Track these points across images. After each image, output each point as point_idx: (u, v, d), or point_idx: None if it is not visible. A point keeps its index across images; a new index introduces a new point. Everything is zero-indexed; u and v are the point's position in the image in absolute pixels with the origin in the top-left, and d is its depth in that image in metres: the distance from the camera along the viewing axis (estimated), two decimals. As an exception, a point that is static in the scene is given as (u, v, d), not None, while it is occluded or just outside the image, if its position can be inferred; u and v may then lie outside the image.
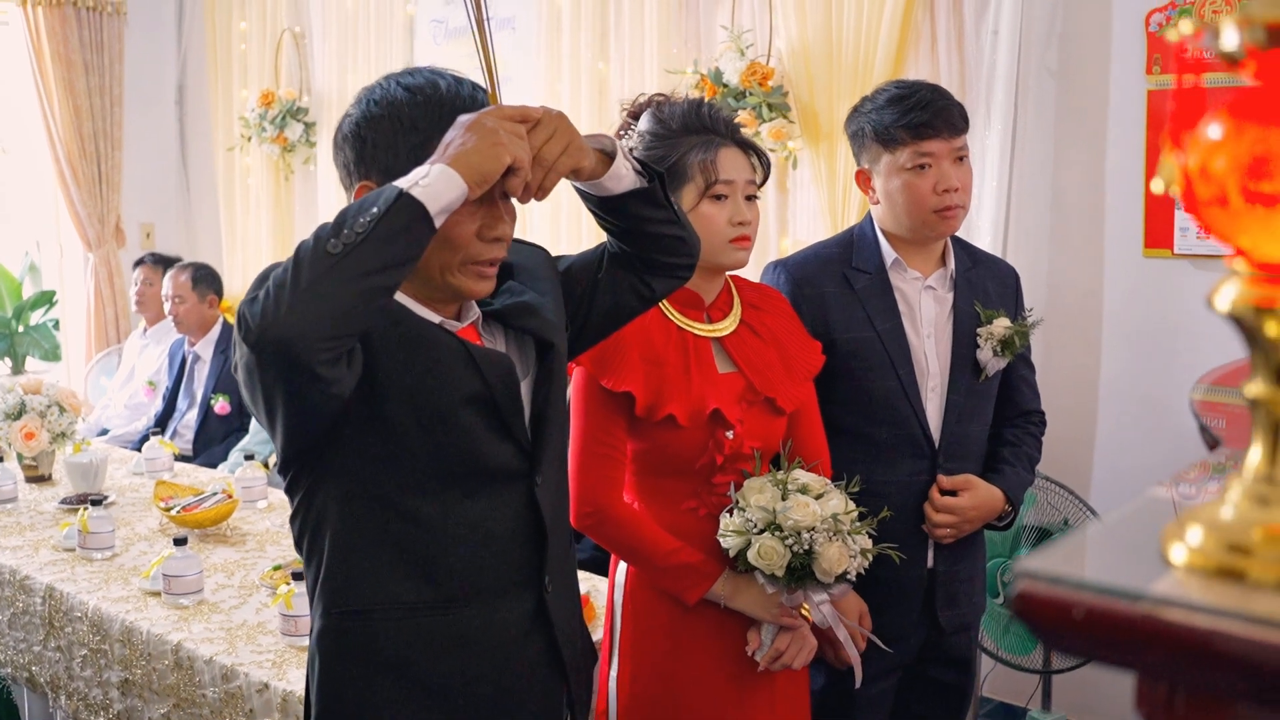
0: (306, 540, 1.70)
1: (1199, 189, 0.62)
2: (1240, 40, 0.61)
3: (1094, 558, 0.65)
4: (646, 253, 1.81)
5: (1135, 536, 0.66)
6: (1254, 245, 0.62)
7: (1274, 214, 0.59)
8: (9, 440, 4.01)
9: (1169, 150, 0.63)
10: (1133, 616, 0.56)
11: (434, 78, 1.67)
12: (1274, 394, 0.63)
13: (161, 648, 2.70)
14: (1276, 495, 0.63)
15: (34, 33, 6.06)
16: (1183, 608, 0.56)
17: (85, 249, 6.36)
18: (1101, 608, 0.57)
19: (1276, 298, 0.61)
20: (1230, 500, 0.64)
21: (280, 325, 1.38)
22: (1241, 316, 0.63)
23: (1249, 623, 0.54)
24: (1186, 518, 0.64)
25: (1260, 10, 0.60)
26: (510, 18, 5.08)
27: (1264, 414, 0.64)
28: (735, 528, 2.12)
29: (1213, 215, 0.62)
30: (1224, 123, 0.62)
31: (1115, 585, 0.57)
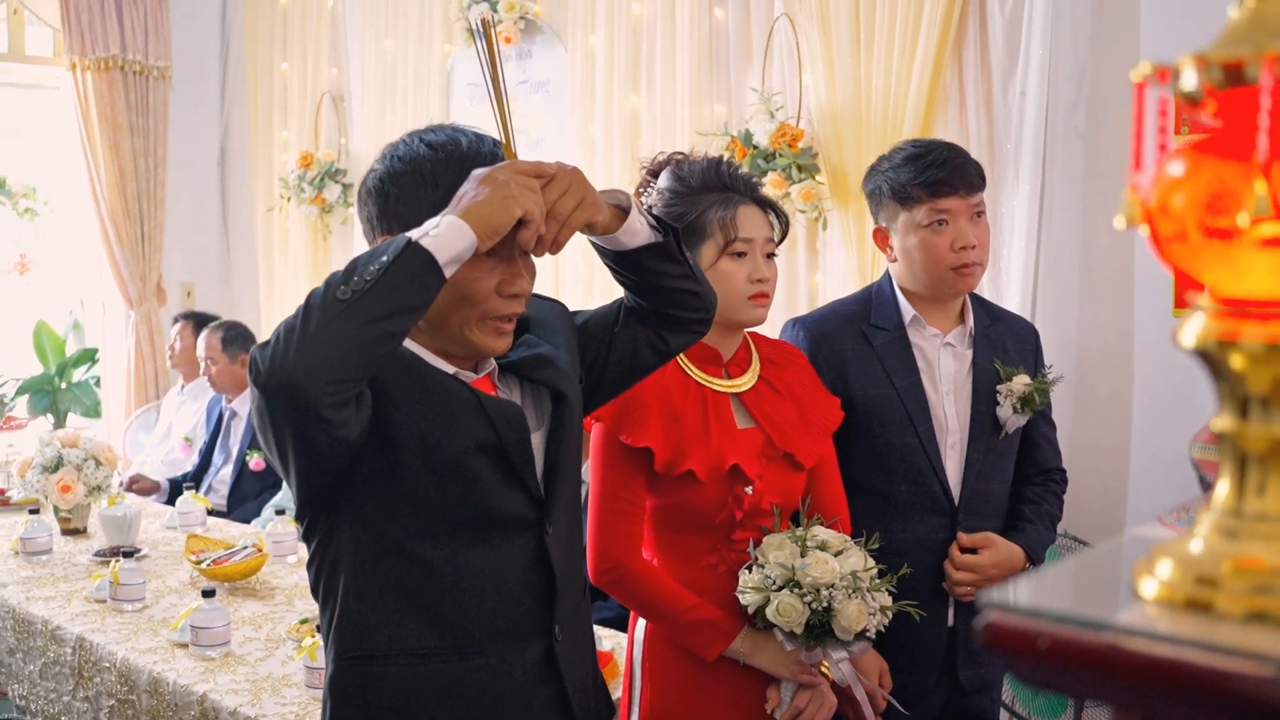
0: (322, 585, 1.73)
1: (1160, 226, 0.63)
2: (1199, 81, 0.63)
3: (1066, 591, 0.66)
4: (662, 307, 1.82)
5: (1109, 572, 0.67)
6: (1216, 280, 0.63)
7: (1231, 248, 0.61)
8: (46, 493, 4.07)
9: (1131, 188, 0.64)
10: (1096, 646, 0.57)
11: (455, 135, 1.71)
12: (1240, 427, 0.64)
13: (188, 699, 2.71)
14: (1244, 528, 0.64)
15: (82, 96, 6.20)
16: (1145, 637, 0.56)
17: (127, 307, 6.45)
18: (1066, 638, 0.58)
19: (1239, 331, 0.63)
20: (1199, 534, 0.65)
21: (288, 368, 1.42)
22: (1207, 350, 0.64)
23: (1211, 652, 0.55)
24: (1157, 552, 0.65)
25: (1217, 52, 0.62)
26: (545, 81, 5.16)
27: (1230, 447, 0.65)
28: (754, 584, 2.12)
29: (1175, 251, 0.64)
30: (1184, 160, 0.63)
31: (1079, 615, 0.58)
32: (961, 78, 3.87)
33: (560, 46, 5.08)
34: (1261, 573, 0.61)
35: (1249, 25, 0.63)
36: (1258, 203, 0.58)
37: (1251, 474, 0.65)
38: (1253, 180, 0.59)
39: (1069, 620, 0.58)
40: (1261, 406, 0.64)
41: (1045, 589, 0.64)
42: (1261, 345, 0.62)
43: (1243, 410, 0.64)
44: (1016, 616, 0.59)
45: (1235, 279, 0.62)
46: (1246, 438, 0.65)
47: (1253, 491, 0.65)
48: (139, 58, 6.28)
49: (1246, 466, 0.65)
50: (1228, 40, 0.62)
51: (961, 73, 3.87)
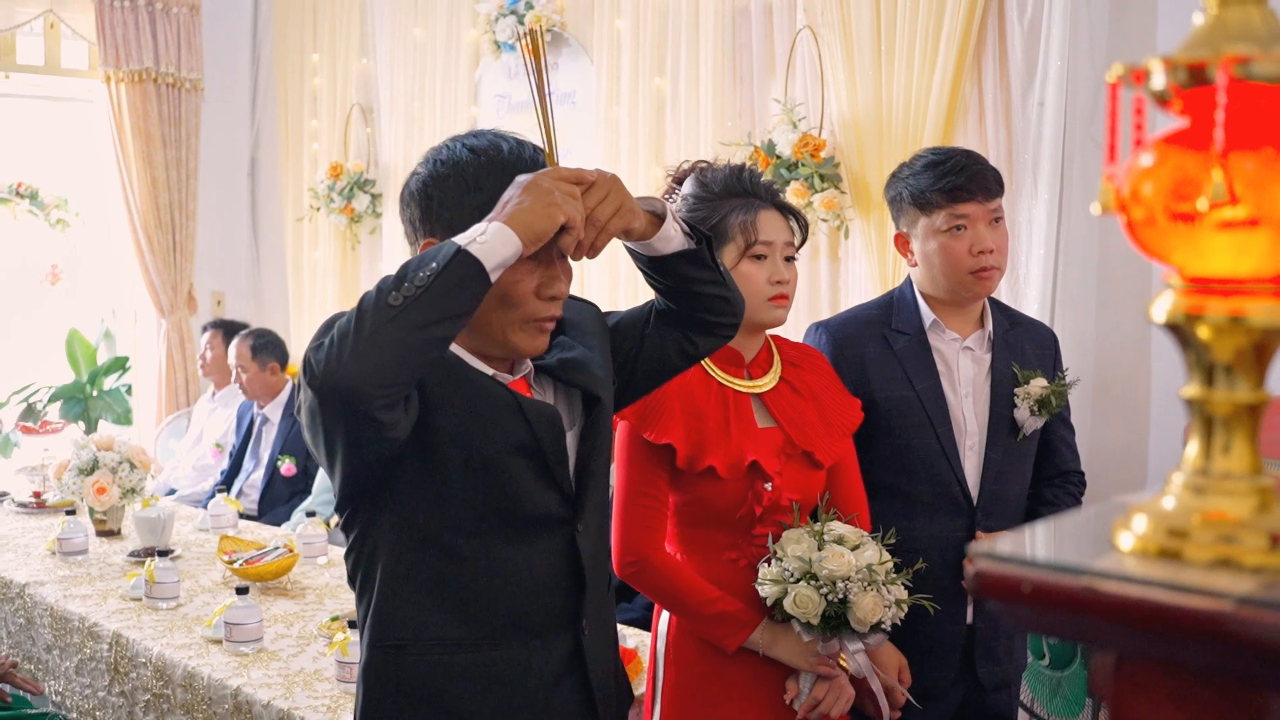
0: (359, 576, 1.79)
1: (1132, 211, 0.70)
2: (1166, 81, 0.69)
3: (1051, 544, 0.72)
4: (692, 311, 1.88)
5: (1092, 529, 0.73)
6: (1183, 261, 0.70)
7: (1194, 230, 0.67)
8: (82, 494, 4.16)
9: (1107, 178, 0.71)
10: (1074, 589, 0.63)
11: (497, 140, 1.77)
12: (1207, 393, 0.71)
13: (222, 692, 2.79)
14: (1211, 485, 0.70)
15: (116, 108, 6.32)
16: (1118, 580, 0.63)
17: (158, 315, 6.56)
18: (1047, 582, 0.64)
19: (1205, 305, 0.69)
20: (1171, 492, 0.71)
21: (343, 372, 1.48)
22: (1176, 324, 0.71)
23: (1176, 591, 0.61)
24: (1133, 509, 0.71)
25: (1182, 55, 0.68)
26: (570, 92, 5.24)
27: (1198, 412, 0.71)
28: (772, 577, 2.18)
29: (1146, 235, 0.70)
30: (1153, 152, 0.70)
31: (1059, 561, 0.64)
32: (981, 88, 3.93)
33: (586, 58, 5.16)
34: (1227, 524, 0.68)
35: (1210, 30, 0.69)
36: (1215, 189, 0.65)
37: (1217, 436, 0.71)
38: (1211, 169, 0.65)
39: (1049, 566, 0.64)
40: (1226, 374, 0.71)
41: (1032, 542, 0.70)
42: (1225, 318, 0.69)
43: (1209, 378, 0.71)
44: (1002, 564, 0.65)
45: (1199, 259, 0.68)
46: (1213, 403, 0.71)
47: (1219, 451, 0.71)
48: (172, 70, 6.41)
49: (1213, 429, 0.71)
50: (1192, 44, 0.69)
51: (981, 83, 3.93)
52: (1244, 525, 0.67)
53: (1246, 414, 0.71)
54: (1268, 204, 0.66)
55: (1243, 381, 0.71)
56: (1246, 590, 0.60)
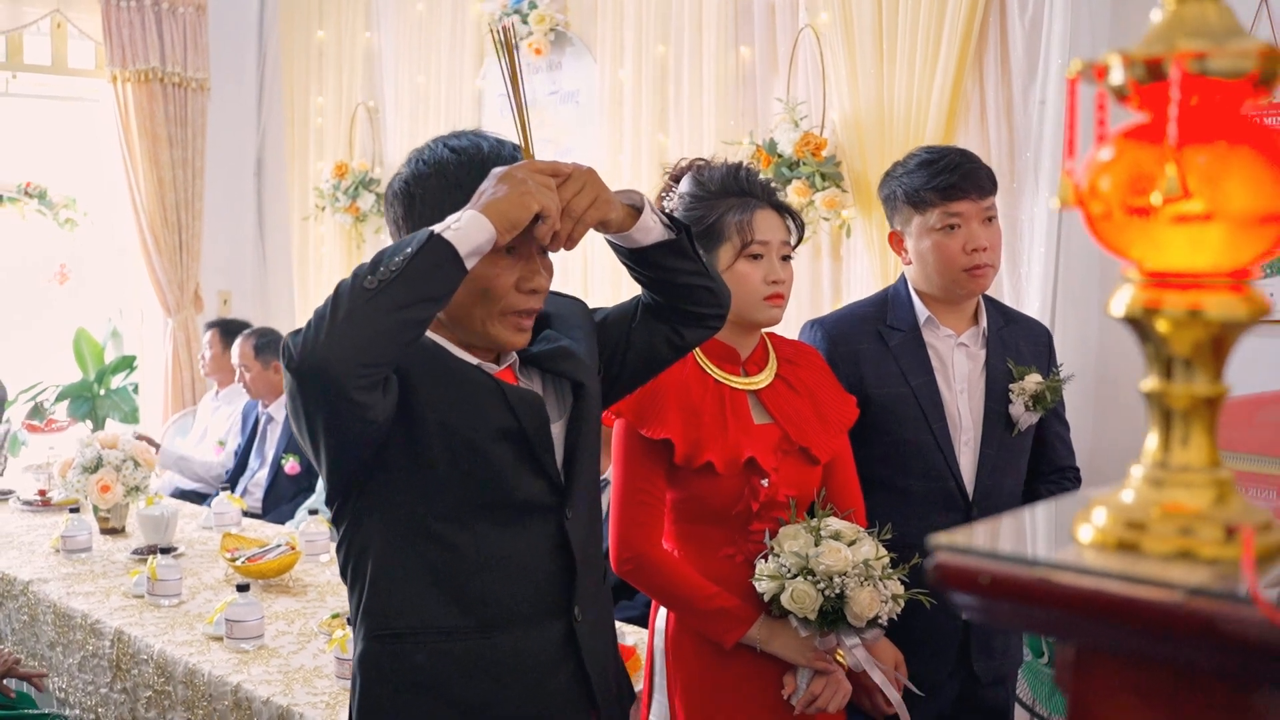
0: (350, 567, 1.81)
1: (1091, 206, 0.70)
2: (1125, 76, 0.70)
3: (1014, 537, 0.72)
4: (677, 303, 1.90)
5: (1056, 521, 0.74)
6: (1141, 255, 0.70)
7: (1150, 225, 0.67)
8: (86, 493, 4.17)
9: (1065, 173, 0.71)
10: (1030, 581, 0.64)
11: (477, 140, 1.80)
12: (1165, 386, 0.71)
13: (222, 689, 2.80)
14: (1169, 477, 0.71)
15: (122, 108, 6.34)
16: (1072, 571, 0.63)
17: (165, 314, 6.58)
18: (1004, 574, 0.65)
19: (1162, 299, 0.70)
20: (1130, 485, 0.71)
21: (319, 353, 1.51)
22: (1134, 318, 0.71)
23: (1127, 582, 0.61)
24: (1094, 502, 0.72)
25: (1139, 50, 0.68)
26: (574, 91, 5.25)
27: (1157, 405, 0.72)
28: (769, 572, 2.19)
29: (1104, 229, 0.71)
30: (1111, 147, 0.70)
31: (1015, 554, 0.65)
32: (982, 86, 3.93)
33: (589, 58, 5.17)
34: (1184, 516, 0.68)
35: (1167, 26, 0.70)
36: (1168, 184, 0.65)
37: (1176, 429, 0.72)
38: (1165, 164, 0.66)
39: (1006, 558, 0.65)
40: (1184, 367, 0.71)
41: (996, 535, 0.71)
42: (1184, 312, 0.69)
43: (1167, 371, 0.71)
44: (962, 556, 0.66)
45: (1156, 253, 0.69)
46: (1171, 396, 0.71)
47: (1178, 444, 0.72)
48: (178, 70, 6.42)
49: (1171, 422, 0.72)
50: (1150, 40, 0.70)
51: (982, 82, 3.93)
52: (1201, 517, 0.68)
53: (1205, 407, 0.72)
54: (1221, 198, 0.66)
55: (1201, 375, 0.71)
56: (1198, 582, 0.61)
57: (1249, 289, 0.71)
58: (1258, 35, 3.38)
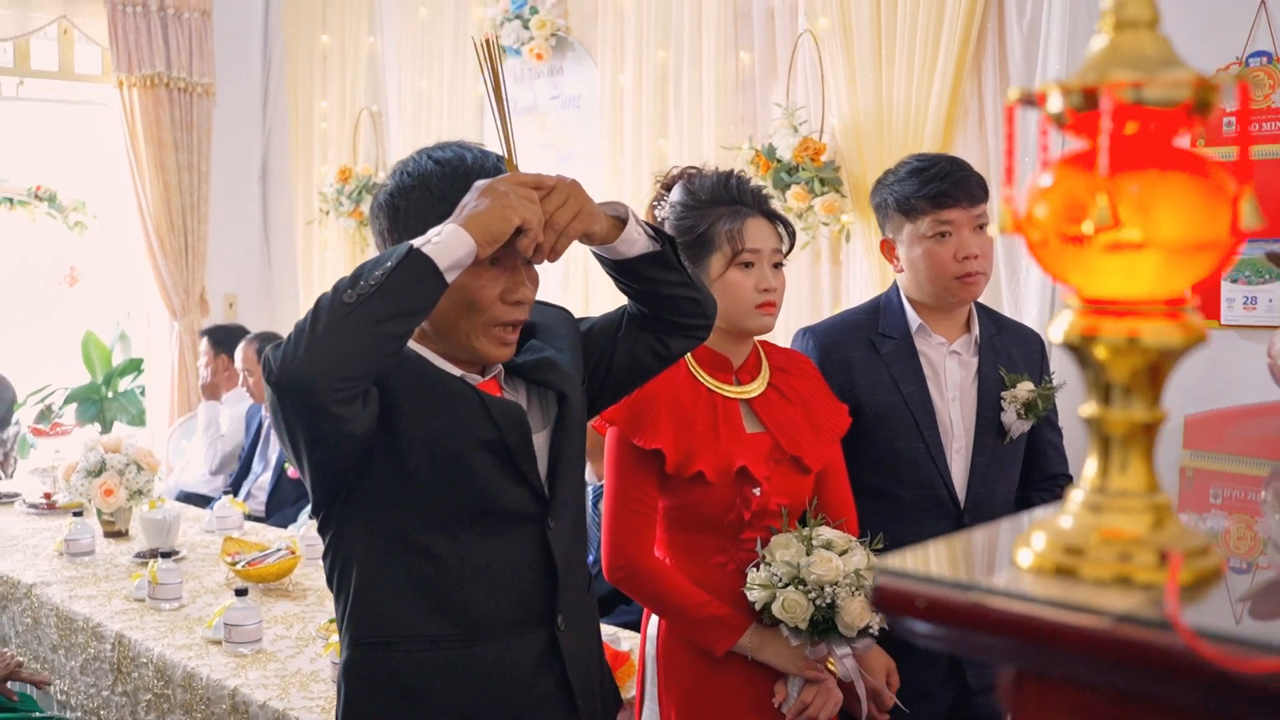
0: (336, 576, 1.82)
1: (1029, 233, 0.71)
2: (1063, 104, 0.71)
3: (955, 560, 0.73)
4: (663, 313, 1.91)
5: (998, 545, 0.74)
6: (1079, 282, 0.71)
7: (1084, 253, 0.68)
8: (89, 496, 4.19)
9: (1004, 200, 0.72)
10: (964, 605, 0.65)
11: (461, 151, 1.81)
12: (1104, 412, 0.72)
13: (220, 693, 2.81)
14: (1108, 503, 0.71)
15: (129, 113, 6.37)
16: (1005, 597, 0.64)
17: (171, 318, 6.60)
18: (940, 598, 0.66)
19: (1100, 326, 0.70)
20: (1069, 509, 0.72)
21: (298, 366, 1.52)
22: (1073, 344, 0.72)
23: (1057, 608, 0.62)
24: (1034, 526, 0.73)
25: (1075, 79, 0.69)
26: (575, 96, 5.27)
27: (1096, 431, 0.73)
28: (761, 582, 2.20)
29: (1043, 256, 0.72)
30: (1049, 174, 0.71)
31: (951, 578, 0.66)
32: (980, 91, 3.94)
33: (590, 63, 5.18)
34: (1122, 542, 0.69)
35: (1103, 55, 0.71)
36: (1100, 212, 0.66)
37: (1115, 455, 0.72)
38: (1097, 192, 0.66)
39: (942, 583, 0.66)
40: (1122, 394, 0.72)
41: (937, 559, 0.72)
42: (1119, 339, 0.70)
43: (1106, 398, 0.72)
44: (900, 580, 0.67)
45: (1091, 281, 0.70)
46: (1109, 422, 0.72)
47: (1116, 470, 0.72)
48: (183, 75, 6.45)
49: (1110, 448, 0.72)
50: (1088, 68, 0.70)
51: (980, 86, 3.94)
52: (1138, 542, 0.69)
53: (1143, 433, 0.72)
54: (1152, 226, 0.67)
55: (1139, 401, 0.72)
56: (1127, 608, 0.62)
57: (1185, 316, 0.71)
58: (1257, 36, 3.38)
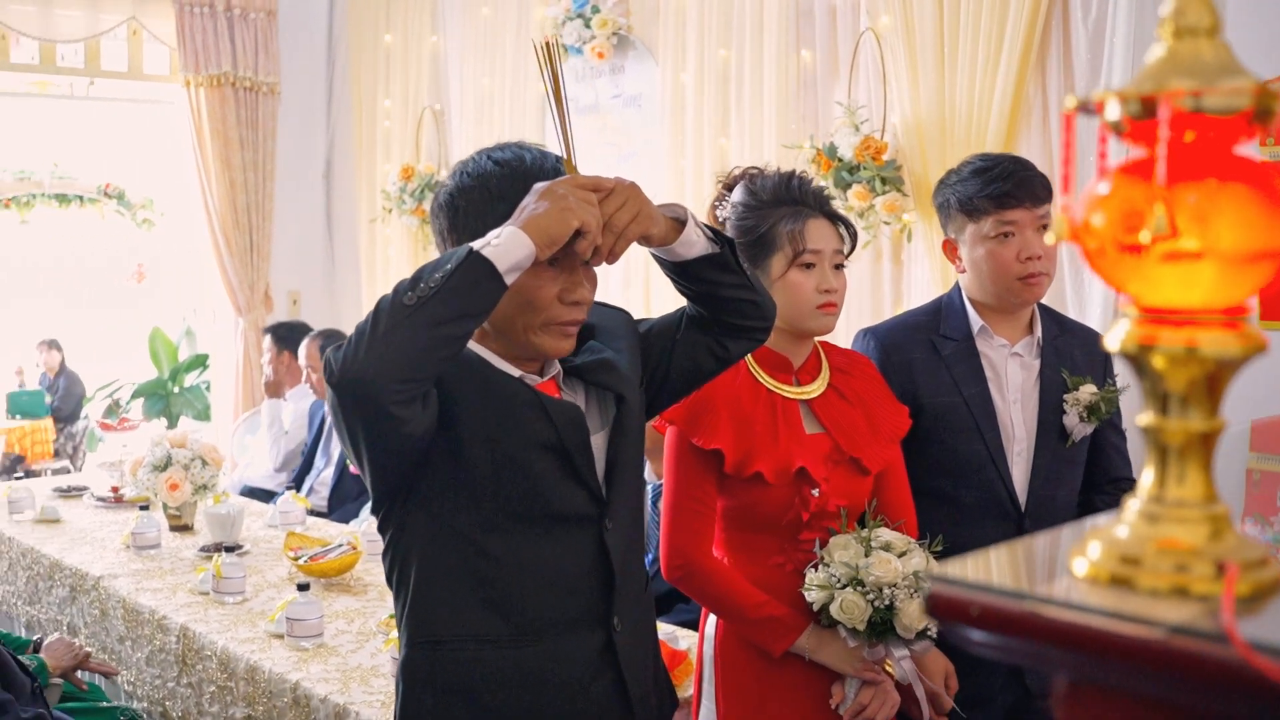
0: (395, 575, 1.84)
1: (1086, 241, 0.71)
2: (1121, 113, 0.70)
3: (1011, 568, 0.73)
4: (721, 315, 1.91)
5: (1055, 552, 0.74)
6: (1137, 291, 0.70)
7: (1141, 263, 0.68)
8: (155, 490, 4.27)
9: (1062, 209, 0.72)
10: (1019, 614, 0.65)
11: (521, 152, 1.82)
12: (1161, 422, 0.71)
13: (281, 686, 2.86)
14: (1165, 513, 0.71)
15: (195, 112, 6.47)
16: (1058, 606, 0.64)
17: (236, 314, 6.70)
18: (993, 606, 0.65)
19: (1158, 335, 0.70)
20: (1125, 519, 0.72)
21: (358, 368, 1.54)
22: (1130, 354, 0.71)
23: (1110, 618, 0.62)
24: (1090, 535, 0.72)
25: (1134, 88, 0.69)
26: (637, 95, 5.28)
27: (1153, 440, 0.72)
28: (819, 582, 2.19)
29: (1101, 265, 0.71)
30: (1108, 182, 0.71)
31: (1004, 587, 0.66)
32: (1044, 90, 3.90)
33: (652, 61, 5.19)
34: (1179, 552, 0.68)
35: (1162, 63, 0.70)
36: (1157, 222, 0.66)
37: (1172, 465, 0.72)
38: (1154, 202, 0.66)
39: (996, 591, 0.66)
40: (1180, 404, 0.71)
41: (993, 566, 0.72)
42: (1181, 349, 0.69)
43: (1163, 407, 0.71)
44: (953, 587, 0.67)
45: (1149, 290, 0.69)
46: (1167, 432, 0.72)
47: (1173, 480, 0.72)
48: (249, 74, 6.54)
49: (1167, 458, 0.72)
50: (1145, 76, 0.70)
51: (1044, 85, 3.90)
52: (1195, 553, 0.68)
53: (1200, 443, 0.72)
54: (1211, 236, 0.66)
55: (1196, 411, 0.71)
56: (1182, 620, 0.61)
57: (1244, 325, 0.71)
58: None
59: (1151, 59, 0.71)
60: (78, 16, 6.27)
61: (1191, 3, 0.69)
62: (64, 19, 6.25)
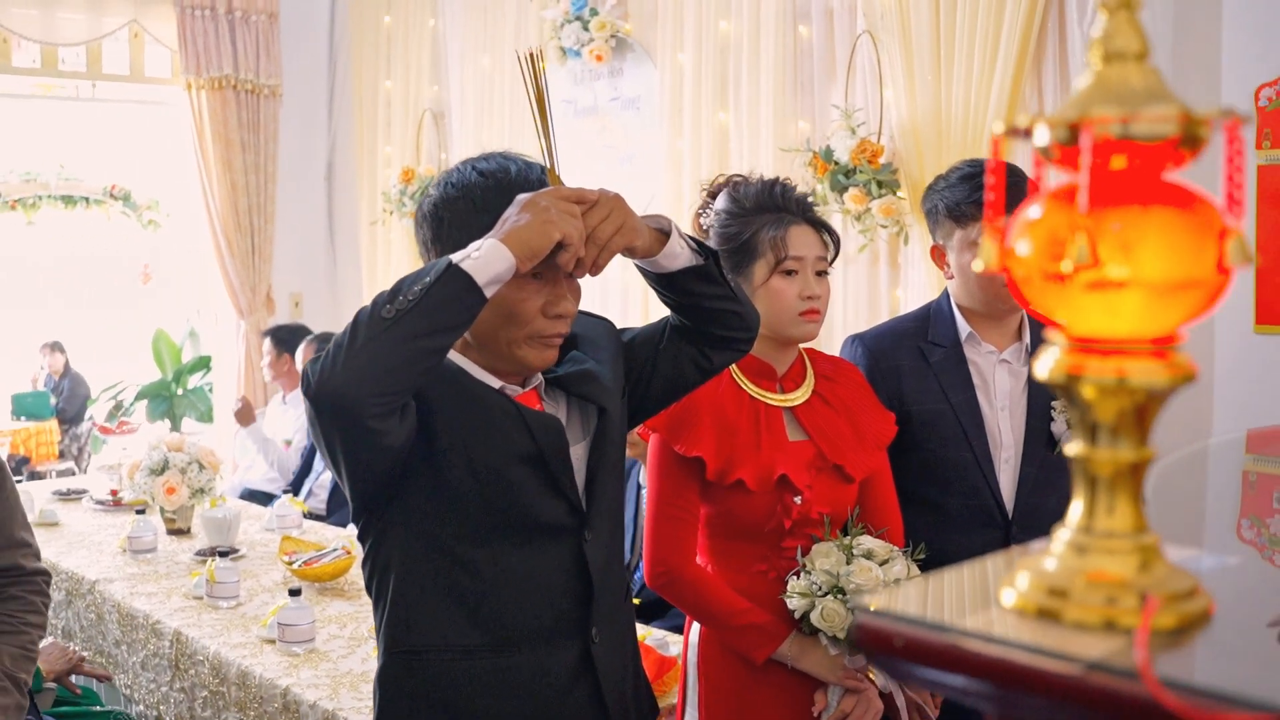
0: (375, 583, 1.84)
1: (1015, 269, 0.70)
2: (1050, 138, 0.69)
3: (941, 598, 0.72)
4: (705, 326, 1.90)
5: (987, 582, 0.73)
6: (1066, 320, 0.69)
7: (1066, 291, 0.67)
8: (152, 494, 4.27)
9: (990, 232, 0.71)
10: (941, 646, 0.64)
11: (505, 163, 1.81)
12: (1090, 452, 0.71)
13: (272, 691, 2.85)
14: (1094, 544, 0.70)
15: (197, 114, 6.48)
16: (980, 640, 0.63)
17: (238, 316, 6.70)
18: (917, 638, 0.65)
19: (1085, 365, 0.69)
20: (1054, 550, 0.71)
21: (335, 381, 1.53)
22: (1059, 383, 0.70)
23: (1030, 653, 0.61)
24: (1019, 565, 0.71)
25: (1061, 114, 0.68)
26: (635, 98, 5.27)
27: (1082, 470, 0.71)
28: (800, 590, 2.19)
29: (1029, 293, 0.70)
30: (1035, 208, 0.70)
31: (927, 619, 0.65)
32: (1041, 93, 3.89)
33: (650, 64, 5.18)
34: (1108, 585, 0.68)
35: (1090, 89, 0.69)
36: (1078, 251, 0.65)
37: (1101, 495, 0.71)
38: (1076, 230, 0.65)
39: (918, 623, 0.65)
40: (1109, 434, 0.70)
41: (922, 596, 0.71)
42: (1110, 379, 0.68)
43: (1092, 437, 0.70)
44: (878, 619, 0.66)
45: (1076, 319, 0.68)
46: (1096, 462, 0.71)
47: (1103, 511, 0.71)
48: (250, 77, 6.55)
49: (1097, 488, 0.71)
50: (1074, 102, 0.69)
51: (1041, 88, 3.89)
52: (1125, 585, 0.67)
53: (1130, 473, 0.71)
54: (1135, 265, 0.65)
55: (1125, 441, 0.70)
56: (1101, 655, 0.60)
57: (1173, 355, 0.70)
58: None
59: (1080, 84, 0.70)
60: (79, 19, 6.28)
61: (1121, 27, 0.69)
62: (65, 22, 6.26)
